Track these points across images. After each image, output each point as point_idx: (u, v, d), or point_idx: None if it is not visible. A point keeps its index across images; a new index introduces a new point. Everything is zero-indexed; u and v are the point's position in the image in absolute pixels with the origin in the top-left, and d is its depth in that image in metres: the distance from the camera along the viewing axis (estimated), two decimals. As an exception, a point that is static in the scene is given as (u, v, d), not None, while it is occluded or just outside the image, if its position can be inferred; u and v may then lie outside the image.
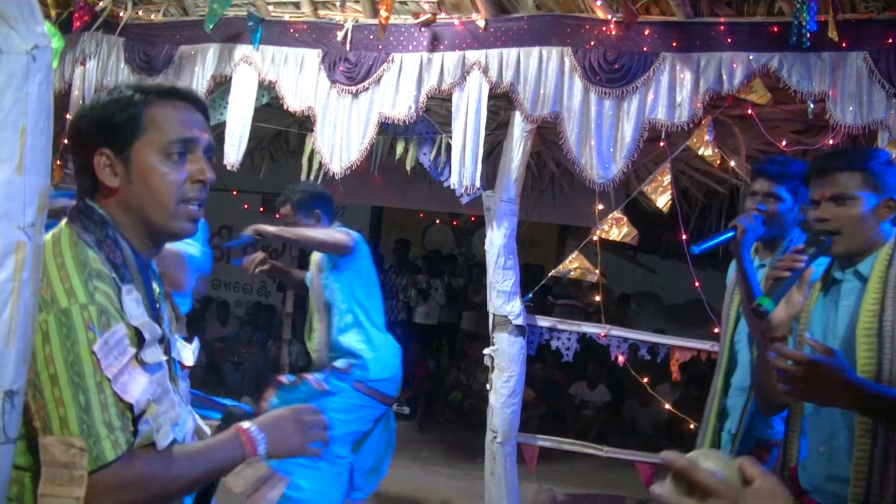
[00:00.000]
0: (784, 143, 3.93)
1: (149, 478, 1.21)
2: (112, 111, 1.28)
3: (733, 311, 2.73)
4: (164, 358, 1.31)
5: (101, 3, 4.28)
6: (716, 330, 3.82)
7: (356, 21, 4.02)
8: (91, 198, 1.31)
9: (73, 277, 1.18)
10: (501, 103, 4.18)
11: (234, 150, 4.21)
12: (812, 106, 3.48)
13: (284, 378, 3.49)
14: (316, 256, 3.59)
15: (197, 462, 1.29)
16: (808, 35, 3.18)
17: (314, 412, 1.46)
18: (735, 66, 3.45)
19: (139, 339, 1.24)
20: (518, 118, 3.81)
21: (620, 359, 4.09)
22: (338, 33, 4.02)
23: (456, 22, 3.83)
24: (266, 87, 4.26)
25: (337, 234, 3.40)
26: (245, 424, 1.35)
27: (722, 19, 3.49)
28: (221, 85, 4.33)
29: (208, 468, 1.30)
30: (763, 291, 2.06)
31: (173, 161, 1.29)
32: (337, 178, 4.09)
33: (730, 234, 2.48)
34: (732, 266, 2.88)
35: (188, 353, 1.58)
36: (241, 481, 1.41)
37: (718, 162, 3.84)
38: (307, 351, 3.80)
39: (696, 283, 3.92)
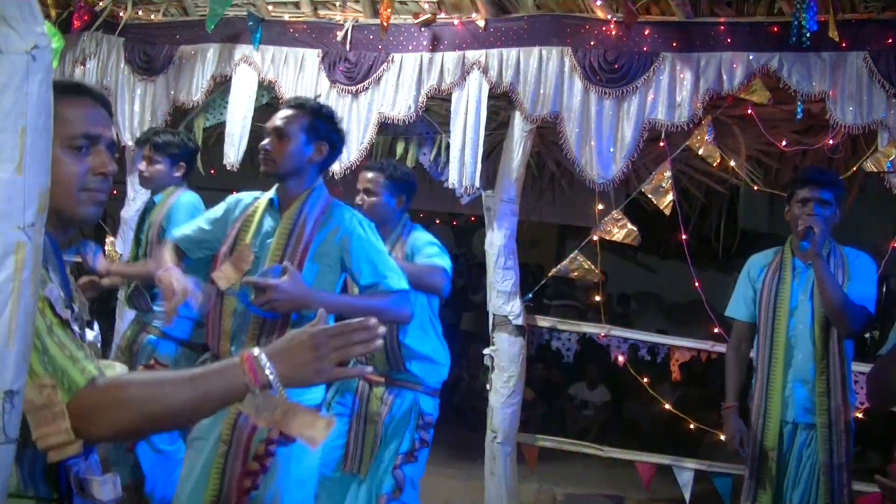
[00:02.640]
0: (784, 143, 3.93)
1: (129, 398, 1.22)
2: None
3: (783, 305, 2.89)
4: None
5: (101, 3, 4.28)
6: (716, 330, 3.84)
7: (356, 21, 4.02)
8: None
9: None
10: (501, 103, 4.18)
11: (233, 151, 4.21)
12: (801, 107, 3.49)
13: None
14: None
15: (184, 386, 1.25)
16: (808, 35, 3.19)
17: (337, 332, 1.31)
18: (735, 65, 3.46)
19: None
20: (518, 118, 3.81)
21: (620, 359, 4.09)
22: (338, 33, 4.02)
23: (456, 22, 3.83)
24: (266, 87, 4.26)
25: (440, 278, 2.89)
26: (254, 351, 1.28)
27: (722, 19, 3.49)
28: (221, 85, 4.33)
29: (197, 395, 1.25)
30: None
31: (77, 154, 1.35)
32: (337, 178, 4.08)
33: (811, 235, 2.71)
34: (753, 262, 3.06)
35: (90, 335, 1.60)
36: (253, 408, 1.27)
37: (718, 162, 3.84)
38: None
39: (696, 283, 3.93)
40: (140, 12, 4.42)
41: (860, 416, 3.95)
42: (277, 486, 2.30)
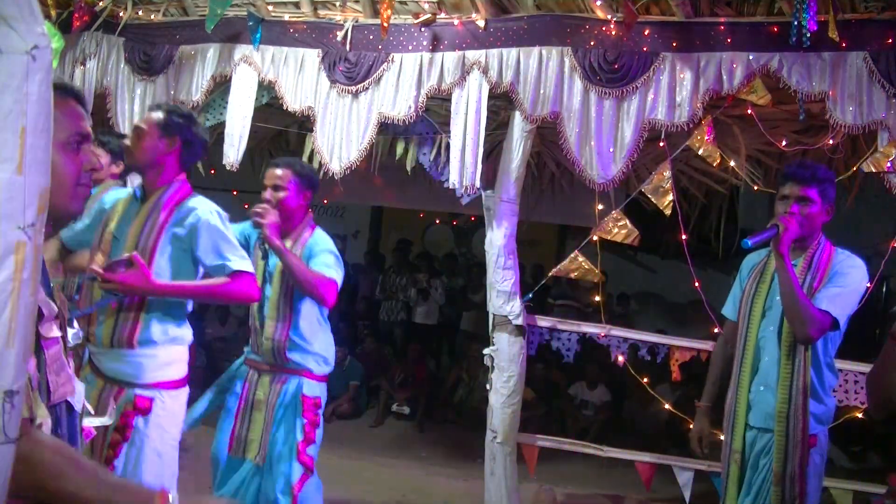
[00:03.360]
0: (784, 143, 3.93)
1: (39, 460, 1.19)
2: None
3: (758, 306, 2.78)
4: (60, 334, 1.37)
5: (101, 3, 4.28)
6: (716, 330, 3.83)
7: (356, 21, 4.02)
8: None
9: None
10: (501, 103, 4.18)
11: (233, 150, 4.21)
12: (803, 108, 3.49)
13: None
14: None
15: (94, 485, 1.24)
16: (808, 35, 3.18)
17: None
18: (735, 65, 3.46)
19: (39, 315, 1.27)
20: (518, 118, 3.81)
21: (620, 359, 4.09)
22: (338, 33, 4.02)
23: (456, 22, 3.83)
24: (266, 87, 4.25)
25: (329, 290, 3.04)
26: (172, 493, 1.31)
27: (722, 19, 3.49)
28: (221, 85, 4.33)
29: (102, 500, 1.25)
30: None
31: (73, 152, 1.39)
32: (337, 178, 4.09)
33: (773, 232, 2.58)
34: (746, 262, 2.97)
35: (71, 333, 1.62)
36: None
37: (718, 162, 3.83)
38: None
39: (696, 283, 3.93)
40: (140, 12, 4.42)
41: (860, 416, 3.96)
42: (137, 456, 2.56)
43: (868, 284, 2.77)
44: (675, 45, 3.55)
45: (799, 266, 2.72)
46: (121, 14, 4.39)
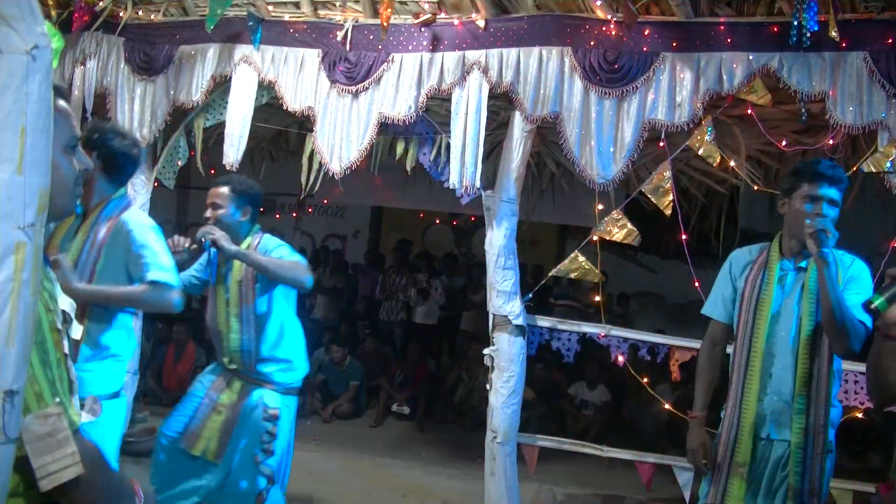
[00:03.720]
0: (784, 143, 3.93)
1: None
2: None
3: (763, 311, 2.65)
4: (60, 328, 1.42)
5: (101, 3, 4.28)
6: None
7: (356, 21, 4.02)
8: None
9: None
10: (501, 103, 4.18)
11: (233, 150, 4.21)
12: (804, 109, 3.48)
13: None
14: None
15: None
16: (808, 35, 3.18)
17: None
18: (735, 66, 3.46)
19: None
20: (518, 118, 3.81)
21: (620, 359, 4.09)
22: (338, 33, 4.02)
23: (456, 22, 3.83)
24: (266, 87, 4.25)
25: (305, 271, 3.19)
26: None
27: (722, 19, 3.49)
28: (221, 85, 4.33)
29: None
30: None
31: (71, 155, 1.42)
32: (337, 178, 4.09)
33: (823, 240, 2.44)
34: (735, 259, 2.84)
35: (76, 328, 1.65)
36: None
37: (718, 162, 3.83)
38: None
39: (696, 283, 3.92)
40: (140, 12, 4.42)
41: (860, 416, 3.96)
42: None
43: None
44: (675, 45, 3.55)
45: (808, 273, 2.60)
46: (121, 14, 4.39)
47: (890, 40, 3.24)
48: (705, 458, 2.74)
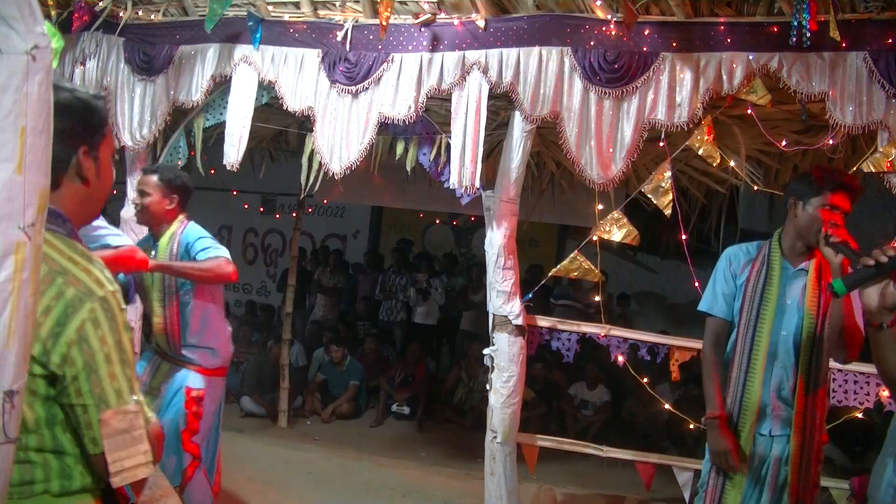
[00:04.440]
0: (784, 143, 3.93)
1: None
2: (91, 111, 1.43)
3: (767, 310, 2.69)
4: None
5: (100, 3, 4.28)
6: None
7: (356, 21, 4.01)
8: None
9: (90, 268, 1.31)
10: (501, 103, 4.17)
11: (233, 151, 4.20)
12: (804, 109, 3.48)
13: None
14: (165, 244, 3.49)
15: None
16: (808, 35, 3.18)
17: None
18: (735, 65, 3.45)
19: None
20: (518, 118, 3.81)
21: (620, 359, 4.09)
22: (338, 33, 4.02)
23: (456, 22, 3.83)
24: (266, 87, 4.25)
25: (227, 267, 3.32)
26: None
27: (722, 19, 3.49)
28: (221, 85, 4.33)
29: None
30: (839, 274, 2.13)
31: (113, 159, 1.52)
32: (337, 178, 4.08)
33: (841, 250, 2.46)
34: (733, 254, 2.86)
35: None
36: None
37: (718, 162, 3.83)
38: (306, 349, 3.80)
39: (696, 283, 3.92)
40: (140, 12, 4.41)
41: (860, 416, 3.96)
42: None
43: None
44: (674, 45, 3.55)
45: (811, 274, 2.66)
46: (120, 14, 4.39)
47: (890, 40, 3.24)
48: (736, 460, 2.69)
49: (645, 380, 4.33)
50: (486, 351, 3.98)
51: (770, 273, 2.72)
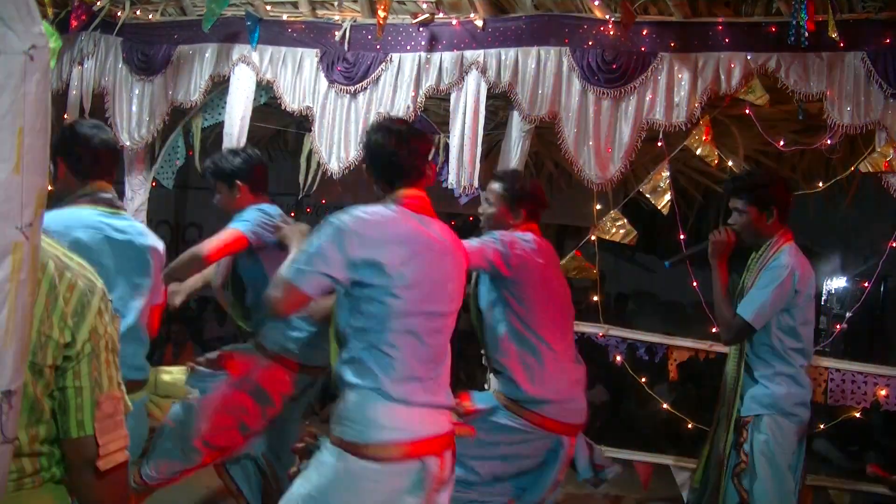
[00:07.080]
0: (782, 143, 3.94)
1: None
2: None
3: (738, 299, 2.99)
4: None
5: (98, 3, 4.27)
6: (714, 330, 3.83)
7: (354, 21, 4.01)
8: None
9: (82, 262, 1.34)
10: (500, 103, 4.18)
11: (232, 150, 4.20)
12: (802, 108, 3.49)
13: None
14: None
15: None
16: (806, 35, 3.18)
17: None
18: (733, 65, 3.46)
19: None
20: (516, 118, 3.81)
21: (618, 358, 4.09)
22: (336, 33, 4.02)
23: (454, 22, 3.83)
24: (264, 87, 4.25)
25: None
26: None
27: (720, 19, 3.49)
28: (219, 85, 4.33)
29: None
30: None
31: None
32: (335, 177, 4.08)
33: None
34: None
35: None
36: None
37: (716, 162, 3.84)
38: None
39: (695, 283, 3.93)
40: (138, 12, 4.41)
41: (858, 415, 3.96)
42: None
43: (866, 284, 2.78)
44: (672, 45, 3.55)
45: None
46: (119, 14, 4.38)
47: (888, 40, 3.24)
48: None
49: (643, 380, 4.33)
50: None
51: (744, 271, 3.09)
